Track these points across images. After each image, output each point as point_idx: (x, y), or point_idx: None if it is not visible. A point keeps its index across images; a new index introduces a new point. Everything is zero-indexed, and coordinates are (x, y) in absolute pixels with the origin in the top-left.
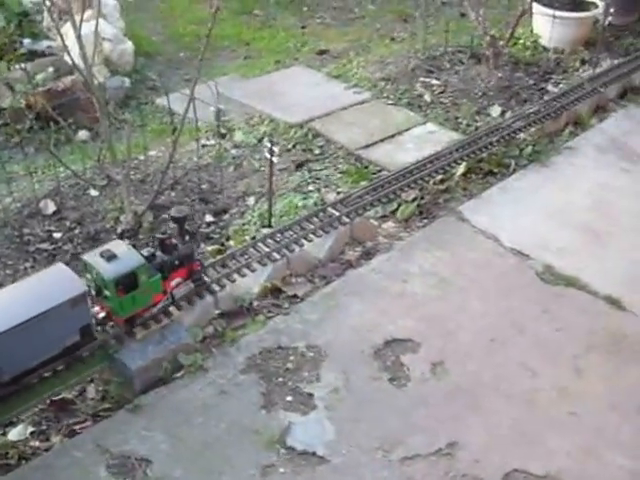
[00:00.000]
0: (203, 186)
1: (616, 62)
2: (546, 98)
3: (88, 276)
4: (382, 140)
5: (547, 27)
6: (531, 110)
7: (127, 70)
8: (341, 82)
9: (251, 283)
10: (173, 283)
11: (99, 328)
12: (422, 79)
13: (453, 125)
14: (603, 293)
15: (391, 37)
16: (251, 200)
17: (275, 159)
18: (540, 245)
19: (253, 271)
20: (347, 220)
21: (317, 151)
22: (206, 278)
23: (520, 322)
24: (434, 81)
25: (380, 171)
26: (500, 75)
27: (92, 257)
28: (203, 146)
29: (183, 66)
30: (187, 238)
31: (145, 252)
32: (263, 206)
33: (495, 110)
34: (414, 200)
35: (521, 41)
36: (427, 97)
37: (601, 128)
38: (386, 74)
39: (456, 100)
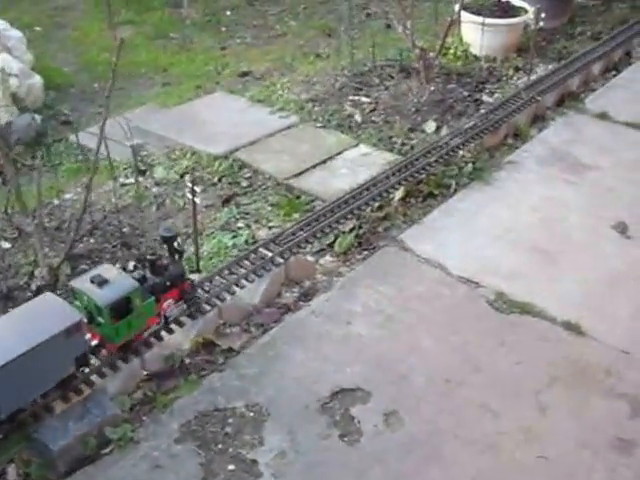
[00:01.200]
0: (124, 230)
1: (550, 67)
2: (482, 110)
3: (77, 304)
4: (313, 167)
5: (477, 35)
6: (468, 125)
7: (37, 106)
8: (266, 106)
9: (181, 339)
10: (165, 305)
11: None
12: (351, 97)
13: (387, 145)
14: (561, 319)
15: (316, 54)
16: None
17: (199, 198)
18: (490, 270)
19: (182, 325)
20: (281, 260)
21: (244, 183)
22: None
23: (476, 358)
24: (364, 99)
25: (313, 201)
26: (432, 88)
27: (81, 283)
28: (122, 185)
29: (97, 97)
30: (177, 258)
31: (136, 275)
32: (190, 248)
33: (430, 126)
34: (352, 230)
35: (451, 51)
36: (358, 117)
37: (541, 138)
38: (313, 95)
39: (388, 118)
